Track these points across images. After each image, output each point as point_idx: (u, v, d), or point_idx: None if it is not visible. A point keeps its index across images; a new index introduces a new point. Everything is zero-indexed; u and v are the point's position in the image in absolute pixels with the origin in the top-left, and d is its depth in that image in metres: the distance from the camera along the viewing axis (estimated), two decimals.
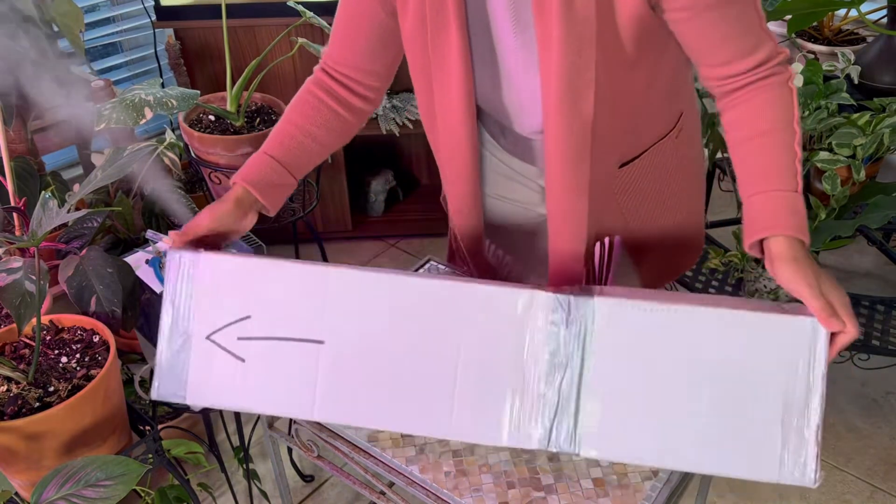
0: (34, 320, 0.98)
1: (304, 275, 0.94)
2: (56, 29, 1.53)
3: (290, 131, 1.12)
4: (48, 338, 1.07)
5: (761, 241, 0.92)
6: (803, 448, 0.83)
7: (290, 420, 1.20)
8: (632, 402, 0.87)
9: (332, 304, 0.93)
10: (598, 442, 0.87)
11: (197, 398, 0.95)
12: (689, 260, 1.31)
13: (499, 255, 1.38)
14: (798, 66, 1.92)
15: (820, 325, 0.84)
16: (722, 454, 0.85)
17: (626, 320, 0.87)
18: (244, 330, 0.94)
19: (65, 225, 1.22)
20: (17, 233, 1.15)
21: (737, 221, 1.97)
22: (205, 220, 1.01)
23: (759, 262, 1.79)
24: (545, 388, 0.88)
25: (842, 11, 2.54)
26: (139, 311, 1.15)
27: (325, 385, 0.92)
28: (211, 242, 1.03)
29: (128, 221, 1.56)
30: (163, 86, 1.42)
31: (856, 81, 2.11)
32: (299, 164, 1.12)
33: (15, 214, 1.14)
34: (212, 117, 1.78)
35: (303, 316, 0.93)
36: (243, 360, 0.94)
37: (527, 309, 0.89)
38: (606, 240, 1.19)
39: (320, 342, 0.92)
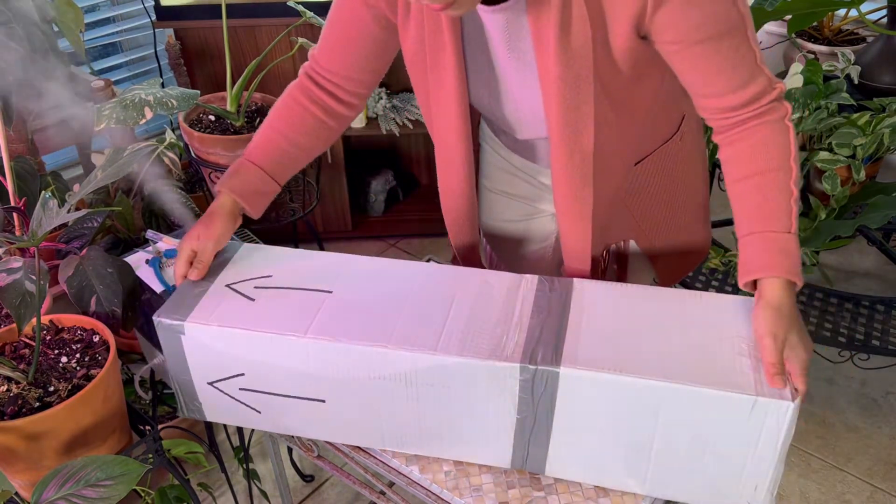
0: (34, 320, 0.98)
1: (330, 258, 1.12)
2: (56, 29, 1.53)
3: (273, 140, 1.15)
4: (48, 338, 1.07)
5: (755, 280, 0.96)
6: None
7: None
8: (609, 336, 0.95)
9: (347, 272, 1.07)
10: (577, 360, 0.91)
11: (195, 323, 0.99)
12: (699, 254, 1.33)
13: (494, 259, 1.39)
14: (798, 66, 1.92)
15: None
16: (700, 374, 0.89)
17: (601, 291, 1.03)
18: (263, 283, 1.06)
19: (65, 225, 1.22)
20: (17, 233, 1.15)
21: None
22: (210, 247, 1.09)
23: None
24: (529, 322, 0.97)
25: (842, 11, 2.54)
26: (139, 311, 1.15)
27: (324, 315, 1.00)
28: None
29: (128, 221, 1.56)
30: (163, 86, 1.42)
31: (856, 81, 2.11)
32: (283, 171, 1.16)
33: (15, 214, 1.14)
34: (212, 117, 1.79)
35: (319, 277, 1.06)
36: (253, 300, 1.03)
37: (517, 284, 1.04)
38: (613, 246, 1.22)
39: (329, 292, 1.03)
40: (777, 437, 0.88)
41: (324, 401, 1.01)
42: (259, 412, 1.06)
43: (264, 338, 0.98)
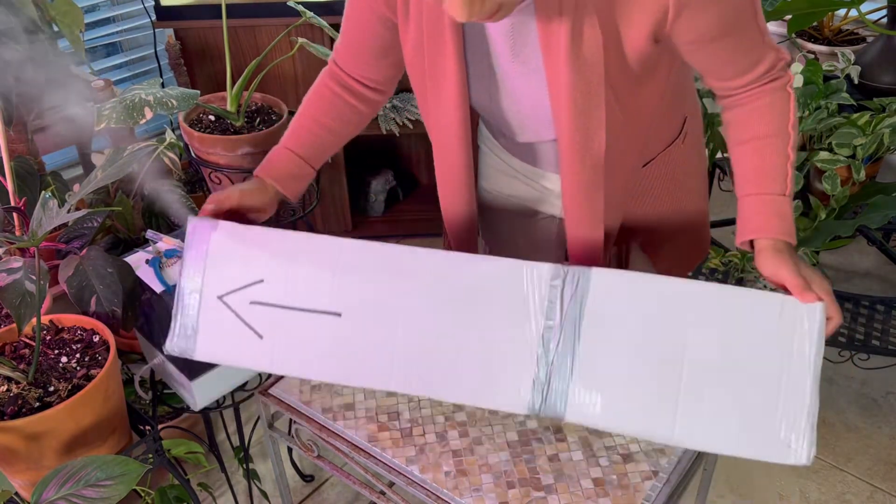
0: (34, 320, 0.98)
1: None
2: (56, 29, 1.53)
3: (307, 125, 1.16)
4: (48, 338, 1.07)
5: (751, 241, 1.00)
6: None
7: (290, 420, 1.20)
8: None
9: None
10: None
11: (224, 229, 1.02)
12: (700, 253, 1.34)
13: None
14: (798, 66, 1.92)
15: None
16: (729, 288, 0.92)
17: (613, 273, 0.99)
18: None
19: (65, 225, 1.22)
20: (17, 233, 1.15)
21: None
22: (235, 196, 1.08)
23: None
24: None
25: (842, 11, 2.54)
26: (139, 311, 1.15)
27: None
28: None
29: (128, 221, 1.56)
30: (163, 86, 1.42)
31: (856, 81, 2.11)
32: (317, 155, 1.17)
33: (15, 214, 1.14)
34: (212, 117, 1.78)
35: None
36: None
37: (533, 266, 1.01)
38: (614, 248, 1.22)
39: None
40: (809, 346, 0.88)
41: (339, 314, 1.00)
42: (261, 337, 1.01)
43: (300, 236, 1.01)
